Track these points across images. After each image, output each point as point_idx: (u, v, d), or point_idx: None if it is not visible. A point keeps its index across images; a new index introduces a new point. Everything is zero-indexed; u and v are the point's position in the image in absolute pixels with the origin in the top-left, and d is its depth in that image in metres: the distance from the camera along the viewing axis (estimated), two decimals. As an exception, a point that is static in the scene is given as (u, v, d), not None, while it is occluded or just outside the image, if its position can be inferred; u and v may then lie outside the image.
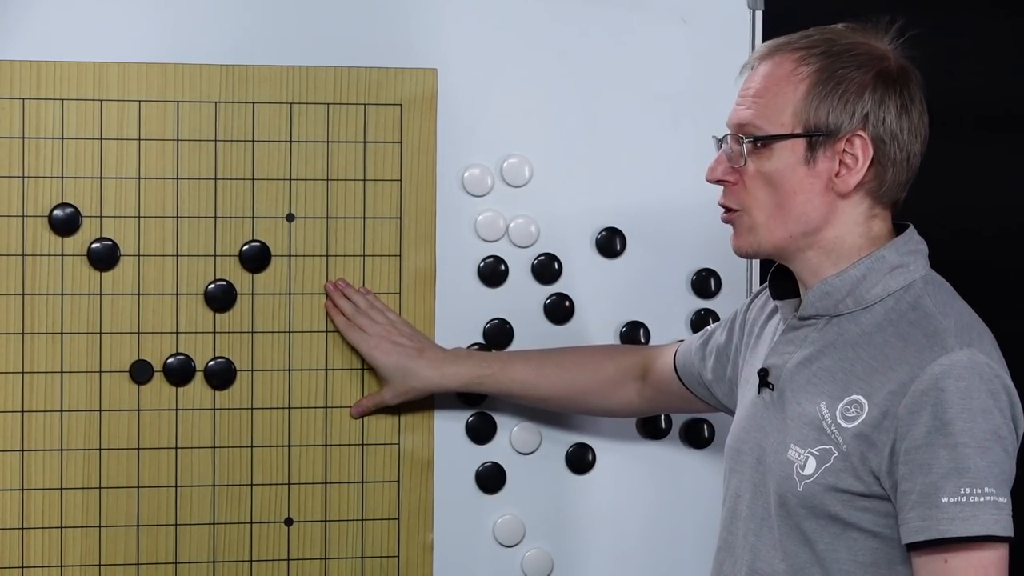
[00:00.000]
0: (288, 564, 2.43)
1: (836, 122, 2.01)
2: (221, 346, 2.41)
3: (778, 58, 2.05)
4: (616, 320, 2.52)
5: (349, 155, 2.44)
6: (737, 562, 2.09)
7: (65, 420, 2.37)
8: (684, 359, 2.35)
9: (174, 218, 2.39)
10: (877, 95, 2.01)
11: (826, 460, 1.98)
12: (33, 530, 2.37)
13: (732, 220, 2.08)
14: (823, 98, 2.01)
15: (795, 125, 2.02)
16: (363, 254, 2.44)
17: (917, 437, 1.92)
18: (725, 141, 2.08)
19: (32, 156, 2.36)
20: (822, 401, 2.00)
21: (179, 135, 2.39)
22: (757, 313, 2.23)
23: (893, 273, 2.03)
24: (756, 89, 2.05)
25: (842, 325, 2.04)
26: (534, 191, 2.50)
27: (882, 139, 2.01)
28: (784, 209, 2.03)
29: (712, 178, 2.09)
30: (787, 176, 2.03)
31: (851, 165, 2.01)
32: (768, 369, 2.09)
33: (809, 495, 1.99)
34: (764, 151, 2.03)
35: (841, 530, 1.98)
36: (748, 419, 2.11)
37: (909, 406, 1.93)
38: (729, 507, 2.12)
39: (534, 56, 2.49)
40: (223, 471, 2.41)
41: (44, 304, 2.37)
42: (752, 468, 2.08)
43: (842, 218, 2.04)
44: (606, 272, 2.52)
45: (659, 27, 2.51)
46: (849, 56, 2.03)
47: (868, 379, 1.98)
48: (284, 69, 2.41)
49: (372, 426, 2.45)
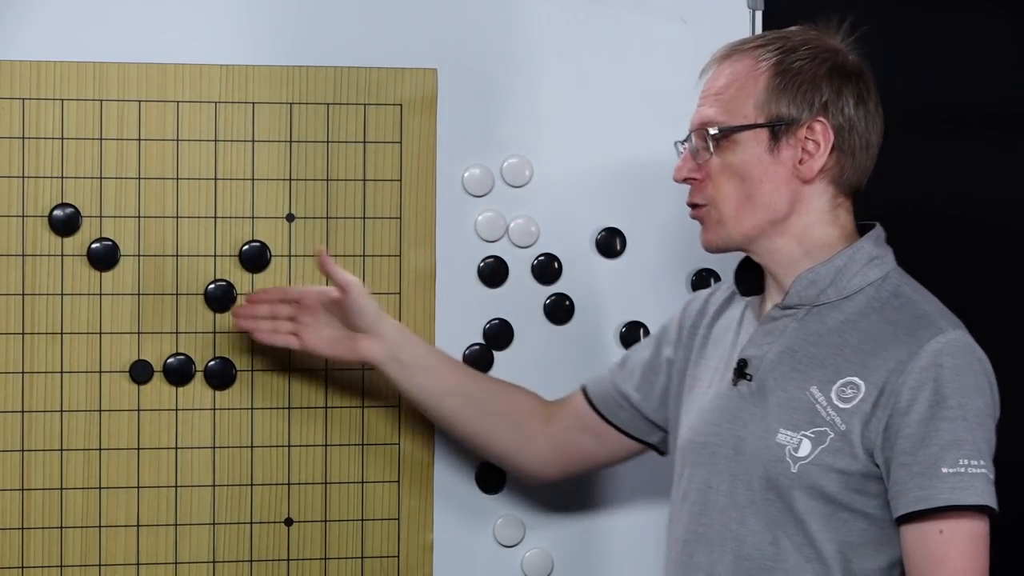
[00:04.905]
0: (288, 564, 2.43)
1: (796, 111, 2.10)
2: (221, 346, 2.41)
3: (736, 57, 2.14)
4: (616, 320, 2.52)
5: (349, 155, 2.44)
6: (715, 551, 2.12)
7: (65, 420, 2.37)
8: (599, 388, 2.37)
9: (174, 218, 2.39)
10: (834, 85, 2.10)
11: (822, 441, 2.05)
12: (33, 530, 2.37)
13: (701, 216, 2.16)
14: (782, 89, 2.10)
15: (757, 117, 2.11)
16: (363, 254, 2.44)
17: (919, 411, 2.00)
18: (689, 140, 2.15)
19: (32, 156, 2.36)
20: (812, 386, 2.07)
21: (179, 135, 2.39)
22: (696, 318, 2.29)
23: (871, 264, 2.11)
24: (717, 87, 2.14)
25: (823, 314, 2.11)
26: (534, 191, 2.50)
27: (842, 127, 2.10)
28: (752, 199, 2.11)
29: (679, 177, 2.17)
30: (753, 166, 2.11)
31: (813, 152, 2.10)
32: (747, 360, 2.13)
33: (805, 475, 2.05)
34: (729, 144, 2.11)
35: (833, 511, 2.04)
36: (716, 412, 2.15)
37: (909, 382, 2.01)
38: (696, 500, 2.15)
39: (534, 56, 2.49)
40: (223, 471, 2.41)
41: (44, 304, 2.37)
42: (728, 459, 2.12)
43: (808, 206, 2.11)
44: (606, 272, 2.52)
45: (659, 27, 2.51)
46: (804, 50, 2.12)
47: (861, 361, 2.05)
48: (284, 69, 2.41)
49: (372, 426, 2.45)
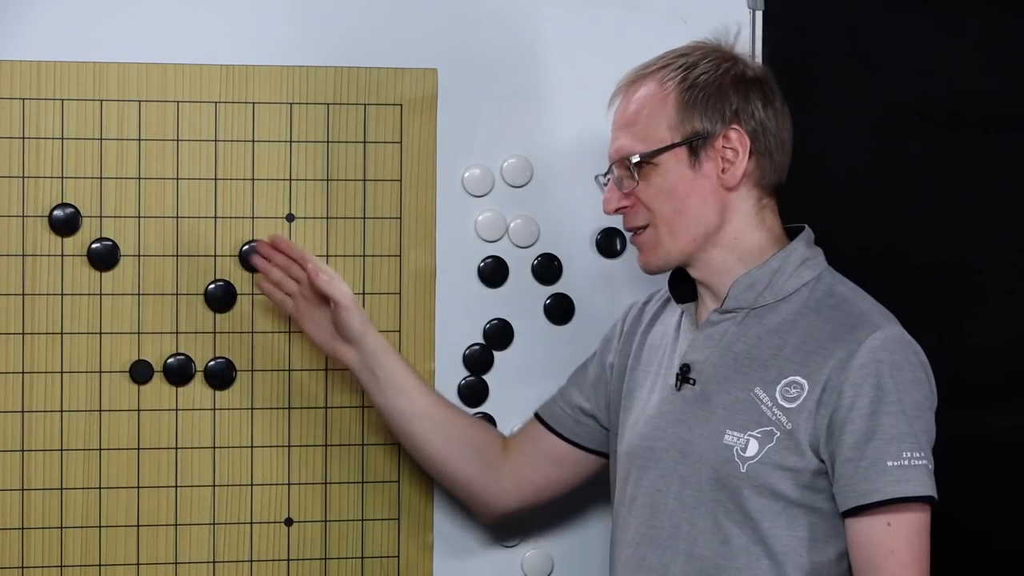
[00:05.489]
0: (288, 564, 2.43)
1: (710, 124, 2.15)
2: (221, 346, 2.41)
3: (640, 82, 2.20)
4: (616, 320, 2.52)
5: (349, 155, 2.44)
6: (667, 553, 2.16)
7: (65, 420, 2.37)
8: (551, 411, 2.39)
9: (174, 218, 2.39)
10: (740, 92, 2.16)
11: (768, 440, 2.10)
12: (33, 530, 2.37)
13: (639, 241, 2.21)
14: (692, 105, 2.15)
15: (673, 137, 2.16)
16: (363, 254, 2.44)
17: (861, 407, 2.05)
18: (611, 172, 2.20)
19: (32, 156, 2.36)
20: (756, 387, 2.12)
21: (179, 135, 2.39)
22: (632, 324, 2.33)
23: (804, 265, 2.17)
24: (628, 116, 2.19)
25: (761, 315, 2.16)
26: (534, 191, 2.50)
27: (755, 130, 2.16)
28: (683, 215, 2.16)
29: (610, 209, 2.22)
30: (678, 183, 2.16)
31: (733, 159, 2.16)
32: (690, 365, 2.17)
33: (755, 474, 2.09)
34: (651, 168, 2.16)
35: (783, 507, 2.09)
36: (660, 417, 2.19)
37: (850, 379, 2.06)
38: (645, 503, 2.19)
39: (534, 56, 2.49)
40: (223, 471, 2.41)
41: (44, 304, 2.37)
42: (675, 461, 2.16)
43: (736, 213, 2.17)
44: (606, 272, 2.52)
45: (659, 27, 2.51)
46: (705, 64, 2.17)
47: (802, 361, 2.10)
48: (284, 69, 2.41)
49: (372, 426, 2.45)
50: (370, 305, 2.45)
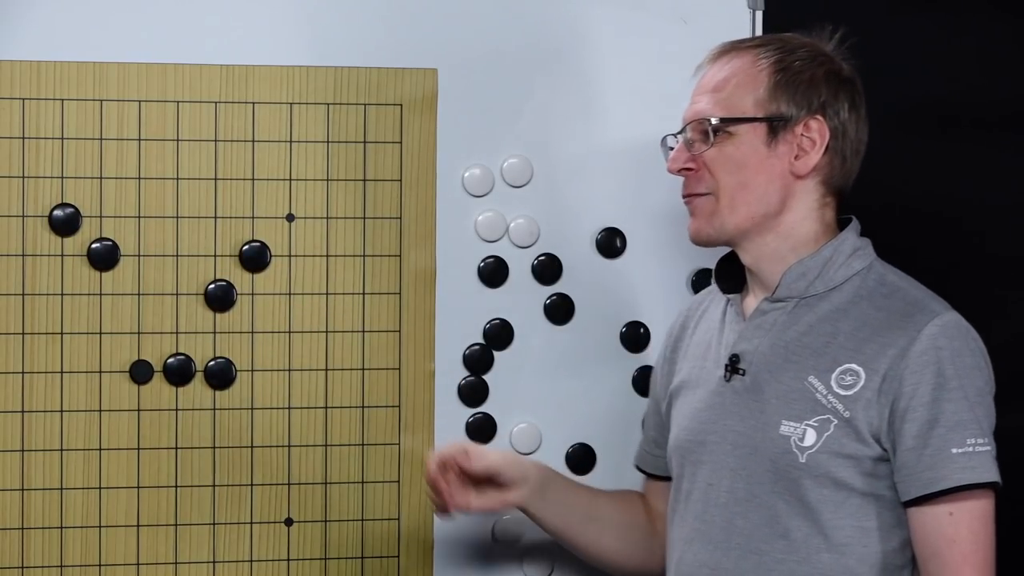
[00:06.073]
0: (288, 564, 2.43)
1: (795, 109, 2.14)
2: (221, 346, 2.41)
3: (735, 53, 2.18)
4: (616, 320, 2.52)
5: (349, 155, 2.44)
6: (719, 548, 2.13)
7: (65, 420, 2.37)
8: (643, 461, 2.38)
9: (174, 218, 2.40)
10: (831, 88, 2.15)
11: (826, 429, 2.07)
12: (33, 530, 2.37)
13: (696, 205, 2.18)
14: (782, 87, 2.14)
15: (756, 112, 2.14)
16: (363, 254, 2.44)
17: (923, 395, 2.04)
18: (684, 132, 2.18)
19: (32, 156, 2.36)
20: (809, 375, 2.10)
21: (179, 135, 2.39)
22: (677, 336, 2.32)
23: (855, 255, 2.15)
24: (716, 82, 2.17)
25: (812, 304, 2.14)
26: (534, 191, 2.50)
27: (836, 129, 2.15)
28: (747, 190, 2.14)
29: (674, 168, 2.20)
30: (750, 157, 2.14)
31: (808, 149, 2.13)
32: (739, 355, 2.16)
33: (815, 464, 2.07)
34: (727, 136, 2.14)
35: (845, 497, 2.07)
36: (710, 409, 2.17)
37: (911, 367, 2.05)
38: (698, 498, 2.17)
39: (534, 56, 2.49)
40: (223, 471, 2.41)
41: (44, 304, 2.37)
42: (727, 454, 2.14)
43: (799, 203, 2.15)
44: (606, 272, 2.52)
45: (659, 27, 2.51)
46: (803, 52, 2.16)
47: (857, 348, 2.08)
48: (284, 69, 2.41)
49: (372, 426, 2.45)
50: (370, 305, 2.45)
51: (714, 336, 2.22)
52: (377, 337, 2.45)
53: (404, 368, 2.46)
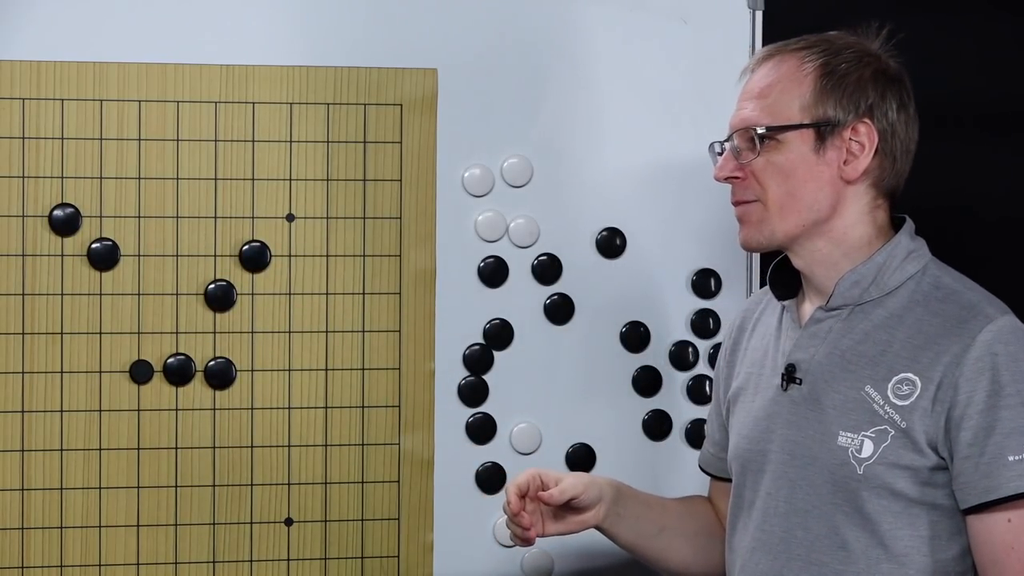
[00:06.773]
0: (288, 564, 2.43)
1: (843, 113, 2.09)
2: (221, 346, 2.41)
3: (779, 58, 2.12)
4: (616, 320, 2.52)
5: (349, 155, 2.44)
6: (778, 558, 2.11)
7: (65, 420, 2.37)
8: (706, 463, 2.36)
9: (174, 218, 2.40)
10: (879, 89, 2.10)
11: (884, 440, 2.04)
12: (33, 530, 2.37)
13: (746, 213, 2.13)
14: (829, 91, 2.09)
15: (803, 117, 2.09)
16: (363, 254, 2.44)
17: (978, 402, 2.00)
18: (731, 140, 2.13)
19: (32, 156, 2.36)
20: (866, 385, 2.07)
21: (179, 135, 2.39)
22: (735, 339, 2.28)
23: (909, 258, 2.11)
24: (761, 88, 2.12)
25: (867, 311, 2.10)
26: (534, 191, 2.50)
27: (885, 130, 2.10)
28: (796, 198, 2.10)
29: (721, 176, 2.14)
30: (798, 165, 2.09)
31: (857, 153, 2.09)
32: (796, 364, 2.13)
33: (873, 476, 2.04)
34: (774, 144, 2.09)
35: (904, 507, 2.04)
36: (769, 419, 2.14)
37: (966, 374, 2.01)
38: (759, 507, 2.15)
39: (534, 56, 2.49)
40: (223, 471, 2.41)
41: (44, 304, 2.37)
42: (785, 464, 2.12)
43: (849, 208, 2.11)
44: (606, 272, 2.52)
45: (659, 27, 2.51)
46: (848, 53, 2.11)
47: (913, 356, 2.05)
48: (284, 69, 2.41)
49: (372, 426, 2.45)
50: (370, 305, 2.45)
51: (771, 342, 2.20)
52: (377, 337, 2.45)
53: (404, 368, 2.46)
